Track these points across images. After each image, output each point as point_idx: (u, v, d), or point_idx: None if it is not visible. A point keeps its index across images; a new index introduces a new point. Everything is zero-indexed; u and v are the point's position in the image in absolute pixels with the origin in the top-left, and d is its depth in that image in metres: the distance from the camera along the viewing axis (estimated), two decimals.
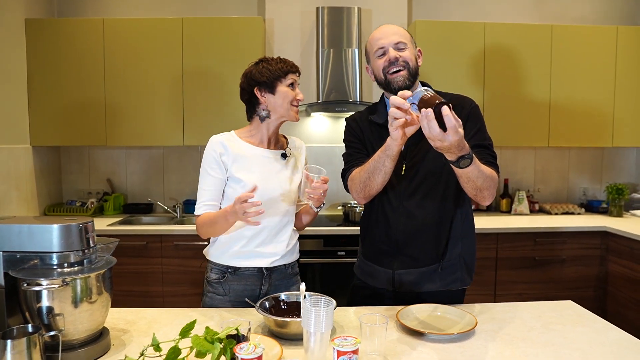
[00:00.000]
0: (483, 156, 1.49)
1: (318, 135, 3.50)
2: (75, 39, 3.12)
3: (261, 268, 1.62)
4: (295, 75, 1.61)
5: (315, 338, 1.11)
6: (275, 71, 1.57)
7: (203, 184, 1.60)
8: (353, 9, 3.24)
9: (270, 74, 1.57)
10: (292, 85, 1.60)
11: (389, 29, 1.55)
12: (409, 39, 1.56)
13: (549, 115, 3.35)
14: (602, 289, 3.14)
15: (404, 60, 1.51)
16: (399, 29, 1.56)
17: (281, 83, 1.58)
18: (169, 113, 3.17)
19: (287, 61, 1.61)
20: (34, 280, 1.08)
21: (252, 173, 1.59)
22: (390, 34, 1.53)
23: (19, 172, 3.06)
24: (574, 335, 1.34)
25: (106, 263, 1.22)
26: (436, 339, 1.30)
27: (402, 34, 1.55)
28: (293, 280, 1.72)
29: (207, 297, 1.65)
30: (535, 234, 3.08)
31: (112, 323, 1.38)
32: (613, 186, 3.41)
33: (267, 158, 1.64)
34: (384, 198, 1.59)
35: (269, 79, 1.58)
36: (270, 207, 1.59)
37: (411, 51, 1.54)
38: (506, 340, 1.30)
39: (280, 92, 1.59)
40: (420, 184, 1.55)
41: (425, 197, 1.55)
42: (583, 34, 3.34)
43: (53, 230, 1.13)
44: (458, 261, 1.59)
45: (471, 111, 1.56)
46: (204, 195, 1.59)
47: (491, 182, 1.42)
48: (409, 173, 1.55)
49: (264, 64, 1.59)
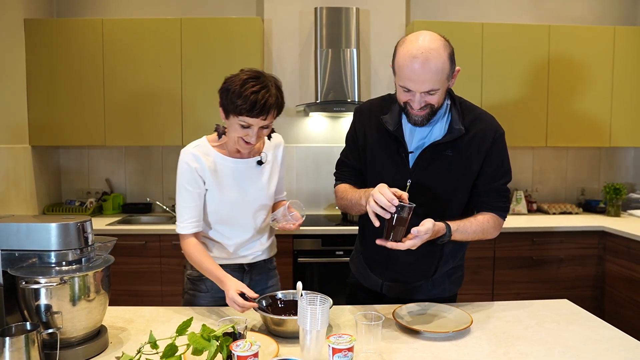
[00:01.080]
0: (492, 202, 1.49)
1: (316, 135, 3.51)
2: (74, 39, 3.13)
3: (242, 264, 1.65)
4: (254, 119, 1.40)
5: (312, 336, 1.12)
6: (232, 103, 1.40)
7: (183, 201, 1.52)
8: (351, 9, 3.25)
9: (229, 101, 1.41)
10: (247, 128, 1.43)
11: (422, 70, 1.27)
12: (443, 79, 1.31)
13: (546, 115, 3.36)
14: (600, 288, 3.15)
15: (429, 104, 1.35)
16: (435, 72, 1.28)
17: (234, 116, 1.42)
18: (167, 113, 3.18)
19: (257, 101, 1.37)
20: (32, 278, 1.09)
21: (228, 188, 1.54)
22: (421, 81, 1.29)
23: (18, 171, 3.07)
24: (568, 333, 1.35)
25: (104, 261, 1.23)
26: (432, 337, 1.31)
27: (436, 80, 1.29)
28: (272, 274, 1.75)
29: (187, 295, 1.65)
30: (533, 233, 3.09)
31: (110, 321, 1.39)
32: (610, 186, 3.42)
33: (242, 169, 1.56)
34: None
35: (224, 105, 1.44)
36: (249, 216, 1.60)
37: (442, 91, 1.35)
38: (501, 338, 1.31)
39: (231, 124, 1.46)
40: (421, 205, 1.42)
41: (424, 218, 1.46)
42: (580, 34, 3.35)
43: (51, 229, 1.14)
44: (447, 275, 1.60)
45: (493, 144, 1.46)
46: (187, 213, 1.51)
47: (485, 235, 1.47)
48: (413, 193, 1.42)
49: (236, 87, 1.39)
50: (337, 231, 2.96)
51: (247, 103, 1.37)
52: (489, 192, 1.49)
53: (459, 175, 1.46)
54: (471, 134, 1.44)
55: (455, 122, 1.42)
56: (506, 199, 1.52)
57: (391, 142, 1.48)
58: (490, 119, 1.50)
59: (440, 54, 1.28)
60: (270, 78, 1.44)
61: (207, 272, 1.49)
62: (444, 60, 1.29)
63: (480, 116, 1.48)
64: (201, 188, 1.53)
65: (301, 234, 2.95)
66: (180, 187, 1.53)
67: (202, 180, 1.52)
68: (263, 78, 1.42)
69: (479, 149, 1.45)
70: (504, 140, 1.50)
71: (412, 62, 1.27)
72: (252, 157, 1.59)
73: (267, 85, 1.40)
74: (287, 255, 2.91)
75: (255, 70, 1.45)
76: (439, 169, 1.45)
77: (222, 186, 1.54)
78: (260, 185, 1.60)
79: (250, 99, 1.36)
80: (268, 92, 1.39)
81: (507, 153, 1.51)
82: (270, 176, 1.63)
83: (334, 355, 1.03)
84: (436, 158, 1.44)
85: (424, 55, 1.27)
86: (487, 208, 1.50)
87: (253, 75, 1.41)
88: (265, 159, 1.60)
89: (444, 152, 1.44)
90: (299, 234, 2.95)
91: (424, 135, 1.46)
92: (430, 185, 1.46)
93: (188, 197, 1.51)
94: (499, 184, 1.49)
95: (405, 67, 1.29)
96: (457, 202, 1.50)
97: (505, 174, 1.51)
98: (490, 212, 1.49)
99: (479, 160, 1.46)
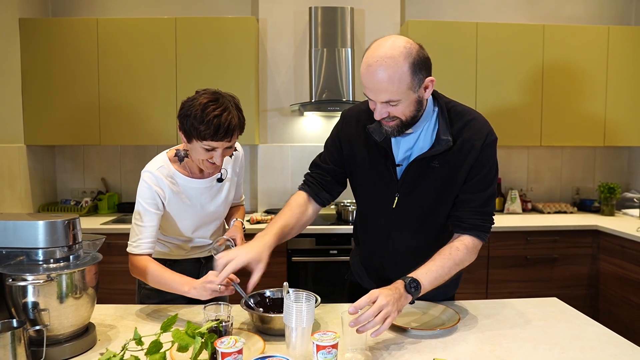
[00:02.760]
0: (469, 219, 1.37)
1: (311, 134, 3.52)
2: (69, 39, 3.14)
3: (199, 258, 1.72)
4: (218, 142, 1.39)
5: (297, 333, 1.13)
6: (195, 129, 1.37)
7: (141, 220, 1.47)
8: (346, 8, 3.25)
9: (190, 126, 1.37)
10: (211, 151, 1.42)
11: (376, 83, 1.20)
12: (403, 90, 1.21)
13: (541, 114, 3.37)
14: (594, 287, 3.16)
15: (394, 116, 1.27)
16: (389, 82, 1.19)
17: (197, 141, 1.40)
18: (162, 112, 3.19)
19: (220, 124, 1.35)
20: (19, 275, 1.10)
21: (188, 208, 1.57)
22: (377, 90, 1.22)
23: (13, 171, 3.07)
24: (554, 330, 1.35)
25: (92, 259, 1.23)
26: (419, 334, 1.31)
27: (393, 91, 1.21)
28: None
29: (144, 290, 1.65)
30: (527, 232, 3.09)
31: (99, 319, 1.39)
32: (605, 185, 3.43)
33: (203, 189, 1.58)
34: (374, 224, 1.51)
35: (186, 130, 1.40)
36: (207, 225, 1.66)
37: (406, 103, 1.25)
38: (488, 336, 1.31)
39: (195, 148, 1.43)
40: (411, 219, 1.43)
41: (414, 232, 1.45)
42: (575, 34, 3.36)
43: (38, 227, 1.15)
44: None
45: (481, 152, 1.35)
46: (143, 232, 1.46)
47: (461, 266, 1.36)
48: (401, 206, 1.42)
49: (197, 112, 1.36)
50: (332, 230, 2.96)
51: (210, 128, 1.35)
52: (469, 204, 1.38)
53: (444, 187, 1.39)
54: (459, 143, 1.35)
55: (443, 131, 1.33)
56: (486, 217, 1.39)
57: (378, 154, 1.41)
58: (481, 125, 1.37)
59: (398, 63, 1.19)
60: (228, 98, 1.42)
61: (169, 281, 1.41)
62: (403, 71, 1.19)
63: (469, 122, 1.36)
64: (160, 210, 1.51)
65: None
66: (139, 207, 1.48)
67: (162, 203, 1.52)
68: (222, 99, 1.39)
69: (466, 159, 1.36)
70: (493, 148, 1.38)
71: (367, 70, 1.21)
72: (211, 175, 1.60)
73: (228, 107, 1.38)
74: (281, 254, 2.92)
75: (212, 91, 1.43)
76: (426, 182, 1.38)
77: (183, 207, 1.56)
78: (220, 200, 1.64)
79: (213, 123, 1.34)
80: (230, 114, 1.37)
81: (495, 163, 1.40)
82: (229, 189, 1.67)
83: (318, 352, 1.03)
84: (423, 170, 1.37)
85: (377, 64, 1.19)
86: (463, 227, 1.38)
87: (212, 98, 1.38)
88: (225, 176, 1.63)
89: (430, 164, 1.36)
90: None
91: (410, 145, 1.39)
92: (418, 200, 1.40)
93: (147, 217, 1.47)
94: (481, 196, 1.37)
95: (363, 75, 1.24)
96: (443, 214, 1.44)
97: (490, 184, 1.38)
98: (465, 234, 1.38)
99: (465, 170, 1.37)
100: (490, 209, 1.40)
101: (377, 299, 1.16)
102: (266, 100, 3.47)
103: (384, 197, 1.43)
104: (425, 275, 1.28)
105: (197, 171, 1.57)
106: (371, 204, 1.50)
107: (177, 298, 1.58)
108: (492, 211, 1.41)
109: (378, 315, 1.13)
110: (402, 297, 1.22)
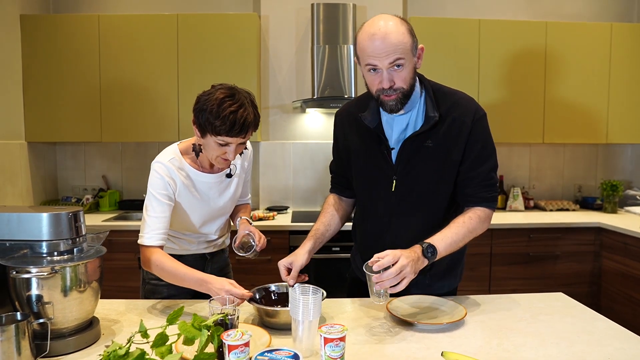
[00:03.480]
0: (476, 194, 1.43)
1: (313, 131, 3.51)
2: (71, 35, 3.12)
3: (204, 254, 1.71)
4: (233, 138, 1.38)
5: (304, 326, 1.12)
6: (210, 123, 1.36)
7: (153, 211, 1.45)
8: (348, 5, 3.24)
9: (205, 121, 1.36)
10: (225, 146, 1.41)
11: (383, 43, 1.27)
12: (407, 50, 1.29)
13: (543, 112, 3.36)
14: (596, 284, 3.15)
15: (398, 85, 1.33)
16: (397, 41, 1.27)
17: (212, 136, 1.39)
18: (164, 109, 3.18)
19: (236, 120, 1.34)
20: (23, 268, 1.09)
21: (197, 202, 1.56)
22: (384, 53, 1.27)
23: (14, 168, 3.06)
24: (561, 325, 1.34)
25: (96, 252, 1.22)
26: (425, 328, 1.30)
27: (400, 50, 1.28)
28: (227, 262, 1.85)
29: (149, 285, 1.65)
30: (530, 230, 3.09)
31: (103, 313, 1.38)
32: (607, 183, 3.42)
33: (212, 183, 1.58)
34: (374, 211, 1.53)
35: (201, 125, 1.38)
36: (214, 220, 1.66)
37: (408, 66, 1.32)
38: (494, 330, 1.31)
39: (208, 143, 1.42)
40: (410, 201, 1.46)
41: (414, 215, 1.47)
42: (577, 31, 3.35)
43: (42, 219, 1.14)
44: (445, 270, 1.57)
45: (473, 128, 1.40)
46: (156, 223, 1.44)
47: (474, 233, 1.41)
48: (400, 189, 1.46)
49: (213, 107, 1.34)
50: None
51: (226, 123, 1.34)
52: (473, 181, 1.42)
53: (440, 166, 1.42)
54: (448, 121, 1.40)
55: (430, 109, 1.39)
56: (491, 188, 1.44)
57: (372, 141, 1.47)
58: (468, 103, 1.43)
59: (398, 27, 1.29)
60: (244, 94, 1.41)
61: (184, 277, 1.40)
62: (403, 32, 1.29)
63: (457, 101, 1.42)
64: (172, 201, 1.50)
65: (297, 230, 2.94)
66: (150, 198, 1.47)
67: (174, 194, 1.50)
68: (238, 95, 1.38)
69: (458, 136, 1.40)
70: (484, 123, 1.43)
71: (373, 38, 1.28)
72: (221, 170, 1.60)
73: (244, 103, 1.37)
74: (284, 251, 2.90)
75: (229, 86, 1.41)
76: (421, 162, 1.42)
77: (192, 200, 1.55)
78: (228, 195, 1.64)
79: (229, 119, 1.34)
80: (245, 110, 1.36)
81: (489, 136, 1.44)
82: (237, 185, 1.67)
83: (326, 345, 1.02)
84: (417, 151, 1.42)
85: (382, 30, 1.28)
86: (473, 201, 1.44)
87: (229, 94, 1.37)
88: (234, 172, 1.63)
89: (424, 143, 1.41)
90: (295, 230, 2.94)
91: (403, 127, 1.43)
92: (415, 181, 1.44)
93: (159, 208, 1.46)
94: (482, 170, 1.42)
95: (367, 47, 1.30)
96: (442, 195, 1.46)
97: (488, 158, 1.43)
98: (475, 206, 1.44)
99: (460, 148, 1.41)
100: (494, 180, 1.46)
101: (399, 260, 1.22)
102: (268, 97, 3.45)
103: (383, 183, 1.47)
104: (441, 241, 1.34)
105: (208, 166, 1.57)
106: (370, 192, 1.53)
107: (182, 293, 1.58)
108: (495, 182, 1.47)
109: (398, 274, 1.21)
110: (420, 260, 1.29)
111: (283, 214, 3.33)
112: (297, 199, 3.53)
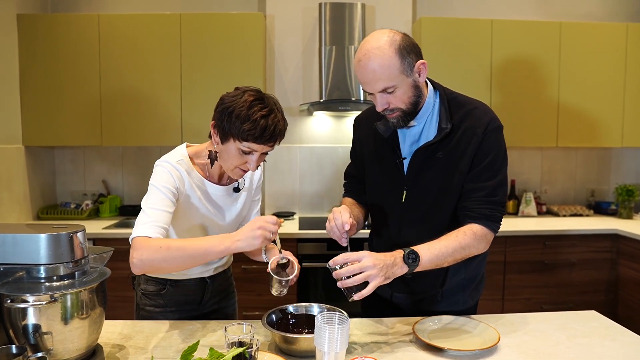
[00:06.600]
0: (476, 208, 1.32)
1: (320, 135, 3.40)
2: (70, 35, 3.02)
3: (204, 277, 1.54)
4: (260, 145, 1.25)
5: (329, 357, 1.02)
6: (237, 127, 1.22)
7: (154, 202, 1.27)
8: (356, 5, 3.14)
9: (231, 125, 1.23)
10: (248, 154, 1.27)
11: (367, 72, 1.24)
12: (395, 74, 1.24)
13: (557, 115, 3.27)
14: (613, 293, 3.06)
15: (395, 107, 1.30)
16: (380, 70, 1.23)
17: (235, 141, 1.25)
18: (166, 112, 3.07)
19: (267, 126, 1.21)
20: (19, 296, 0.98)
21: (200, 213, 1.41)
22: (372, 81, 1.25)
23: (11, 173, 2.95)
24: (602, 349, 1.25)
25: (99, 275, 1.12)
26: (456, 355, 1.21)
27: (386, 77, 1.24)
28: (229, 282, 1.68)
29: (143, 311, 1.51)
30: (544, 237, 2.99)
31: (106, 338, 1.28)
32: (623, 187, 3.32)
33: (219, 196, 1.44)
34: (385, 223, 1.49)
35: (225, 128, 1.25)
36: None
37: (403, 88, 1.27)
38: (531, 355, 1.21)
39: (229, 150, 1.27)
40: (421, 213, 1.41)
41: (425, 227, 1.40)
42: (592, 32, 3.25)
43: (40, 240, 1.03)
44: (461, 286, 1.49)
45: (484, 139, 1.33)
46: (157, 215, 1.25)
47: (467, 251, 1.30)
48: (410, 200, 1.41)
49: (242, 110, 1.22)
50: None
51: (256, 128, 1.21)
52: (475, 194, 1.33)
53: (450, 178, 1.36)
54: (460, 131, 1.34)
55: (443, 120, 1.35)
56: (494, 206, 1.33)
57: (387, 150, 1.44)
58: (483, 113, 1.36)
59: (384, 51, 1.23)
60: (272, 99, 1.29)
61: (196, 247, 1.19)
62: (390, 56, 1.23)
63: (472, 111, 1.36)
64: (175, 198, 1.33)
65: (305, 238, 2.84)
66: (153, 190, 1.30)
67: (178, 194, 1.34)
68: (267, 100, 1.27)
69: (468, 147, 1.33)
70: (498, 135, 1.35)
71: (358, 65, 1.27)
72: (229, 183, 1.46)
73: (274, 109, 1.26)
74: None
75: (256, 89, 1.29)
76: (431, 173, 1.37)
77: (195, 210, 1.39)
78: (235, 212, 1.49)
79: (260, 124, 1.21)
80: (276, 116, 1.25)
81: (501, 150, 1.35)
82: (245, 202, 1.52)
83: None
84: (428, 162, 1.37)
85: (366, 57, 1.25)
86: (471, 216, 1.33)
87: (258, 97, 1.25)
88: (242, 186, 1.48)
89: (435, 154, 1.36)
90: (303, 238, 2.84)
91: (416, 138, 1.40)
92: (425, 192, 1.39)
93: (161, 201, 1.27)
94: (488, 184, 1.32)
95: (356, 72, 1.29)
96: (452, 206, 1.39)
97: (496, 172, 1.33)
98: (473, 222, 1.33)
99: (468, 158, 1.33)
100: (499, 198, 1.35)
101: (362, 259, 1.16)
102: None
103: (394, 192, 1.44)
104: (427, 251, 1.25)
105: (217, 177, 1.44)
106: (382, 201, 1.50)
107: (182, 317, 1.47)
108: (501, 201, 1.35)
109: (359, 275, 1.14)
110: (397, 266, 1.20)
111: (289, 221, 3.23)
112: (304, 204, 3.43)
